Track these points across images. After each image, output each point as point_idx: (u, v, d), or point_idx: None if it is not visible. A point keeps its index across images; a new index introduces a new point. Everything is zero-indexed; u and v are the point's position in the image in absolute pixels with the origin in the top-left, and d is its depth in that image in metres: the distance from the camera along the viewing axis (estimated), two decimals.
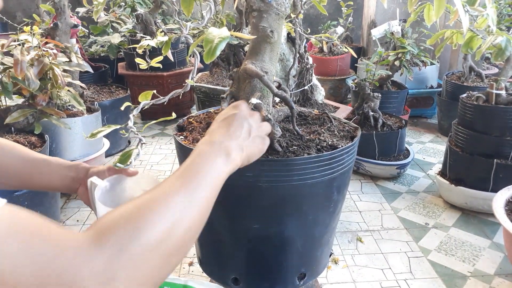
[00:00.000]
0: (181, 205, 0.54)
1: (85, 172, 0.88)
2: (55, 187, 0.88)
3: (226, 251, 1.25)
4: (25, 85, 1.71)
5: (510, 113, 1.94)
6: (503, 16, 3.28)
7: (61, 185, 0.87)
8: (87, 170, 0.88)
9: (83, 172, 0.88)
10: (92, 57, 3.74)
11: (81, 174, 0.88)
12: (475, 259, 1.77)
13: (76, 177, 0.87)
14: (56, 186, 0.88)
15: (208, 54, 0.59)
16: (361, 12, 4.79)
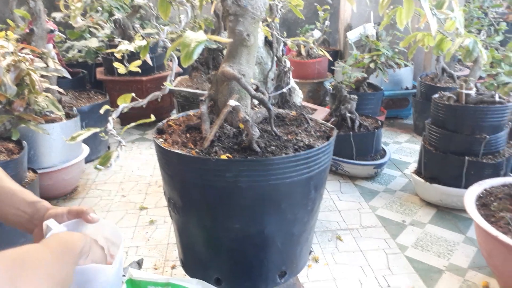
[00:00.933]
0: None
1: (44, 211, 0.82)
2: (10, 221, 0.82)
3: (208, 252, 1.27)
4: (2, 91, 1.69)
5: (479, 112, 2.02)
6: (473, 19, 3.39)
7: (16, 221, 0.82)
8: (46, 210, 0.82)
9: (42, 211, 0.82)
10: (69, 63, 3.70)
11: (40, 213, 0.82)
12: (450, 254, 1.83)
13: (33, 216, 0.81)
14: (11, 221, 0.82)
15: (186, 57, 0.61)
16: (337, 16, 4.87)
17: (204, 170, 1.09)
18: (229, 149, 1.12)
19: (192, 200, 1.19)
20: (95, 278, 0.72)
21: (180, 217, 1.25)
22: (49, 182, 2.25)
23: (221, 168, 1.07)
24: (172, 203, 1.24)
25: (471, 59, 1.82)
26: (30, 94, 1.92)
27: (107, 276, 0.74)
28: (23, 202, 0.81)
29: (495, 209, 1.61)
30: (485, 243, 1.52)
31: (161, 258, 1.84)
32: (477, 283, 1.64)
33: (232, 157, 1.08)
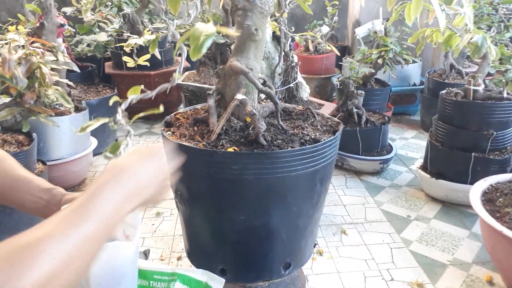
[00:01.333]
0: (65, 251, 0.50)
1: (60, 197, 0.83)
2: (28, 208, 0.83)
3: (214, 243, 1.29)
4: (13, 83, 1.72)
5: (487, 108, 2.02)
6: (483, 15, 3.37)
7: (33, 207, 0.82)
8: (63, 196, 0.83)
9: (58, 197, 0.83)
10: (78, 57, 3.73)
11: (56, 199, 0.82)
12: (454, 249, 1.84)
13: (50, 202, 0.82)
14: (28, 207, 0.83)
15: (195, 50, 0.63)
16: (346, 11, 4.86)
17: (211, 163, 1.11)
18: (235, 142, 1.14)
19: (198, 192, 1.21)
20: (117, 255, 0.75)
21: (186, 208, 1.28)
22: (58, 173, 2.28)
23: (227, 160, 1.09)
24: (179, 194, 1.26)
25: (479, 55, 1.82)
26: (40, 87, 1.95)
27: (128, 253, 0.76)
28: (39, 188, 0.83)
29: (501, 204, 1.61)
30: (490, 238, 1.53)
31: (167, 249, 1.87)
32: (481, 277, 1.65)
33: (239, 150, 1.10)
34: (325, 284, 1.64)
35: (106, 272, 0.75)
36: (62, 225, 0.52)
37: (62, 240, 0.50)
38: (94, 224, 0.55)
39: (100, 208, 0.57)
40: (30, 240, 0.48)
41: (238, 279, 1.31)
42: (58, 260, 0.48)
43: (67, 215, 0.54)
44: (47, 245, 0.48)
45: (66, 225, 0.53)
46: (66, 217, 0.54)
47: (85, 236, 0.53)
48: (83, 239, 0.53)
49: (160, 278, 1.12)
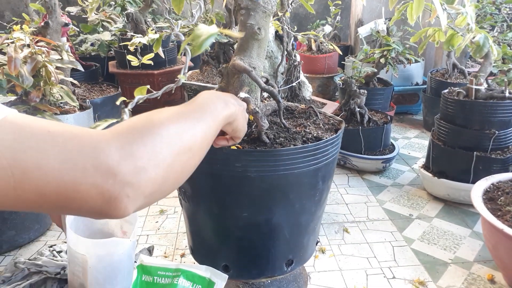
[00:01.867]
0: (189, 120, 0.62)
1: None
2: None
3: (217, 240, 1.31)
4: (19, 82, 1.74)
5: (488, 107, 2.03)
6: (486, 15, 3.37)
7: None
8: None
9: None
10: (82, 56, 3.76)
11: None
12: (456, 247, 1.85)
13: None
14: None
15: (196, 47, 0.65)
16: (349, 11, 4.87)
17: (214, 160, 1.12)
18: None
19: (201, 189, 1.22)
20: (115, 250, 0.77)
21: (190, 205, 1.29)
22: None
23: (230, 158, 1.10)
24: (183, 191, 1.28)
25: (481, 54, 1.83)
26: (45, 85, 1.97)
27: (125, 249, 0.79)
28: None
29: (502, 203, 1.62)
30: (491, 236, 1.54)
31: (171, 246, 1.88)
32: (482, 276, 1.66)
33: (242, 147, 1.11)
34: (327, 281, 1.65)
35: (103, 266, 0.78)
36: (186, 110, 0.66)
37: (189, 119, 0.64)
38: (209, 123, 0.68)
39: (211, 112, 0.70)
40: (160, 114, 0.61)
41: (241, 275, 1.32)
42: (179, 142, 0.59)
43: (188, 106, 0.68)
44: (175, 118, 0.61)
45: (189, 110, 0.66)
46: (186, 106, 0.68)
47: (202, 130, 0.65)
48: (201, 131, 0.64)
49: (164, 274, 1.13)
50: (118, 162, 0.49)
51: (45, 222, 2.01)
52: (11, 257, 1.83)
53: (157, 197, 0.55)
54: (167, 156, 0.55)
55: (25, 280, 0.94)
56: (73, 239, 0.77)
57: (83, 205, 0.48)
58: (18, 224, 1.86)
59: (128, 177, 0.49)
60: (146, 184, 0.51)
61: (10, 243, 1.87)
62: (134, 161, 0.50)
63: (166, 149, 0.55)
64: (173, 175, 0.57)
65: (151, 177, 0.52)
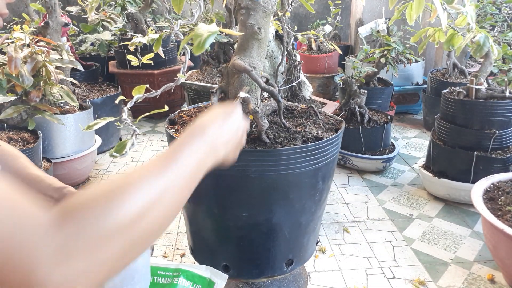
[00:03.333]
0: (155, 190, 0.52)
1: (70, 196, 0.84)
2: None
3: (217, 239, 1.31)
4: (19, 81, 1.75)
5: (489, 107, 2.02)
6: (486, 14, 3.37)
7: None
8: (72, 195, 0.82)
9: (68, 196, 0.82)
10: (82, 56, 3.76)
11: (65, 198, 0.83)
12: (456, 247, 1.85)
13: (59, 200, 0.79)
14: None
15: (198, 46, 0.64)
16: (349, 11, 4.87)
17: None
18: None
19: (202, 188, 1.21)
20: None
21: (190, 205, 1.29)
22: (62, 171, 2.30)
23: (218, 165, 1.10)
24: None
25: (481, 54, 1.82)
26: (45, 85, 1.97)
27: None
28: (50, 187, 0.85)
29: (502, 203, 1.62)
30: (491, 236, 1.54)
31: (171, 246, 1.88)
32: (483, 275, 1.66)
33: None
34: (327, 281, 1.65)
35: None
36: (152, 169, 0.55)
37: (152, 181, 0.52)
38: (180, 172, 0.57)
39: (185, 159, 0.59)
40: (125, 180, 0.51)
41: (241, 275, 1.32)
42: (148, 198, 0.50)
43: (155, 162, 0.57)
44: (139, 185, 0.50)
45: (156, 169, 0.55)
46: (154, 164, 0.56)
47: (172, 181, 0.55)
48: (170, 183, 0.54)
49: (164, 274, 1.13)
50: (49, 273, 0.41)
51: None
52: None
53: None
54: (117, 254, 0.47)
55: None
56: None
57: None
58: None
59: None
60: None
61: None
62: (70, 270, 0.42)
63: (117, 246, 0.46)
64: (120, 267, 0.49)
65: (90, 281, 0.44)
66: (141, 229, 0.49)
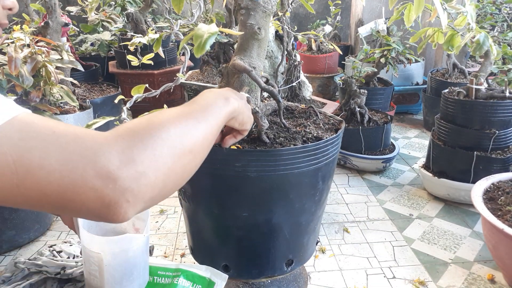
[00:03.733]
0: (190, 122, 0.62)
1: None
2: None
3: (217, 240, 1.31)
4: (19, 82, 1.74)
5: (489, 107, 2.02)
6: (486, 14, 3.37)
7: None
8: None
9: None
10: (82, 56, 3.76)
11: None
12: (456, 247, 1.85)
13: None
14: None
15: (198, 48, 0.64)
16: (349, 11, 4.87)
17: (214, 160, 1.12)
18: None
19: (202, 188, 1.22)
20: (129, 246, 0.78)
21: (190, 205, 1.29)
22: None
23: (230, 158, 1.10)
24: (183, 191, 1.28)
25: (480, 52, 1.82)
26: (45, 85, 1.97)
27: (139, 245, 0.80)
28: None
29: (502, 203, 1.62)
30: (491, 236, 1.54)
31: (171, 246, 1.88)
32: (483, 275, 1.66)
33: (242, 147, 1.11)
34: (327, 281, 1.65)
35: (119, 263, 0.79)
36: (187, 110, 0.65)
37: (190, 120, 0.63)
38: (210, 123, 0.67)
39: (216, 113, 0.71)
40: (161, 115, 0.60)
41: (241, 275, 1.32)
42: (180, 145, 0.58)
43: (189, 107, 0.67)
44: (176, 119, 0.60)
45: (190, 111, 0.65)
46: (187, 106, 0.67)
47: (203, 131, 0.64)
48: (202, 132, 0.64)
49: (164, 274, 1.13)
50: (119, 167, 0.49)
51: (45, 222, 2.01)
52: (11, 257, 1.83)
53: (157, 200, 0.56)
54: (168, 160, 0.55)
55: (25, 280, 0.94)
56: (87, 238, 0.77)
57: (83, 207, 0.49)
58: (18, 224, 1.86)
59: (128, 183, 0.49)
60: (146, 189, 0.51)
61: (10, 243, 1.87)
62: (135, 166, 0.50)
63: (166, 152, 0.55)
64: (173, 178, 0.57)
65: (151, 182, 0.52)
66: (182, 148, 0.58)
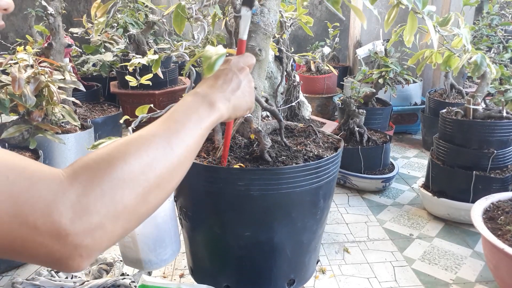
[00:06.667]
0: (160, 148, 0.55)
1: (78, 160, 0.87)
2: None
3: (218, 259, 1.30)
4: (22, 101, 1.76)
5: (486, 127, 2.04)
6: (482, 36, 3.43)
7: None
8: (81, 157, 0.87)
9: None
10: (84, 76, 3.80)
11: None
12: (457, 267, 1.84)
13: None
14: None
15: (208, 69, 0.67)
16: (347, 33, 4.94)
17: (217, 179, 1.13)
18: (241, 158, 1.16)
19: (204, 208, 1.23)
20: (157, 213, 0.78)
21: (191, 225, 1.29)
22: None
23: (233, 177, 1.11)
24: (184, 211, 1.28)
25: (479, 73, 1.85)
26: (48, 105, 1.99)
27: (166, 210, 0.79)
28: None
29: (502, 222, 1.62)
30: (492, 256, 1.53)
31: (170, 266, 1.87)
32: None
33: (245, 166, 1.12)
34: None
35: (150, 230, 0.79)
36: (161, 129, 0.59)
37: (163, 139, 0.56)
38: (187, 142, 0.60)
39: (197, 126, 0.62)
40: (128, 139, 0.54)
41: None
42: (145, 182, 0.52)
43: (164, 122, 0.60)
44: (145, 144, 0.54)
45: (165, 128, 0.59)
46: (162, 123, 0.60)
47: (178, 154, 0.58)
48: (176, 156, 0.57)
49: None
50: (72, 221, 0.45)
51: None
52: (8, 277, 1.81)
53: (115, 242, 0.51)
54: (130, 202, 0.50)
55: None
56: None
57: (33, 260, 0.47)
58: None
59: (80, 238, 0.45)
60: (101, 241, 0.48)
61: (7, 263, 1.85)
62: (90, 218, 0.46)
63: (128, 194, 0.49)
64: (136, 220, 0.52)
65: (108, 232, 0.48)
66: (148, 180, 0.52)
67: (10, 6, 0.61)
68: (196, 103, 0.65)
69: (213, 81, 0.71)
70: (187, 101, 0.66)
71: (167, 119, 0.60)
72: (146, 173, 0.52)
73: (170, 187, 0.57)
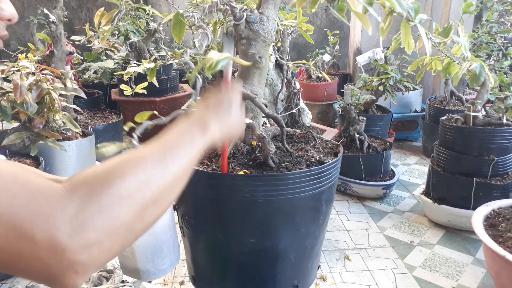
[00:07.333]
0: (156, 166, 0.56)
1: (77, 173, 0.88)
2: None
3: (221, 267, 1.30)
4: (23, 108, 1.77)
5: (486, 134, 2.05)
6: (482, 44, 3.45)
7: None
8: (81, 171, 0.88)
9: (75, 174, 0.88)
10: (85, 84, 3.82)
11: None
12: (459, 275, 1.83)
13: None
14: None
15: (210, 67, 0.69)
16: (347, 40, 4.97)
17: (221, 186, 1.13)
18: (244, 165, 1.17)
19: (207, 215, 1.23)
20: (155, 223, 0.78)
21: (193, 232, 1.29)
22: None
23: (238, 183, 1.11)
24: (186, 219, 1.28)
25: (478, 83, 1.86)
26: (49, 112, 1.99)
27: (165, 220, 0.80)
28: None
29: (503, 229, 1.62)
30: (493, 263, 1.53)
31: (170, 274, 1.86)
32: None
33: (249, 172, 1.13)
34: None
35: (148, 240, 0.79)
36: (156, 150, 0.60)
37: (157, 160, 0.57)
38: (181, 164, 0.61)
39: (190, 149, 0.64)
40: (124, 159, 0.55)
41: None
42: (141, 199, 0.53)
43: (159, 144, 0.61)
44: (140, 163, 0.55)
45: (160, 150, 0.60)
46: (157, 145, 0.61)
47: (172, 174, 0.58)
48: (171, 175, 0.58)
49: None
50: (69, 236, 0.45)
51: None
52: (8, 285, 1.81)
53: (112, 258, 0.52)
54: (127, 219, 0.51)
55: None
56: None
57: (29, 275, 0.47)
58: None
59: (77, 255, 0.46)
60: (98, 257, 0.48)
61: None
62: (87, 234, 0.46)
63: (125, 211, 0.50)
64: (132, 236, 0.53)
65: (105, 248, 0.48)
66: (144, 198, 0.53)
67: (14, 17, 0.62)
68: (190, 125, 0.68)
69: (205, 104, 0.76)
70: (181, 124, 0.69)
71: (163, 140, 0.63)
72: (143, 190, 0.53)
73: (165, 204, 0.58)
